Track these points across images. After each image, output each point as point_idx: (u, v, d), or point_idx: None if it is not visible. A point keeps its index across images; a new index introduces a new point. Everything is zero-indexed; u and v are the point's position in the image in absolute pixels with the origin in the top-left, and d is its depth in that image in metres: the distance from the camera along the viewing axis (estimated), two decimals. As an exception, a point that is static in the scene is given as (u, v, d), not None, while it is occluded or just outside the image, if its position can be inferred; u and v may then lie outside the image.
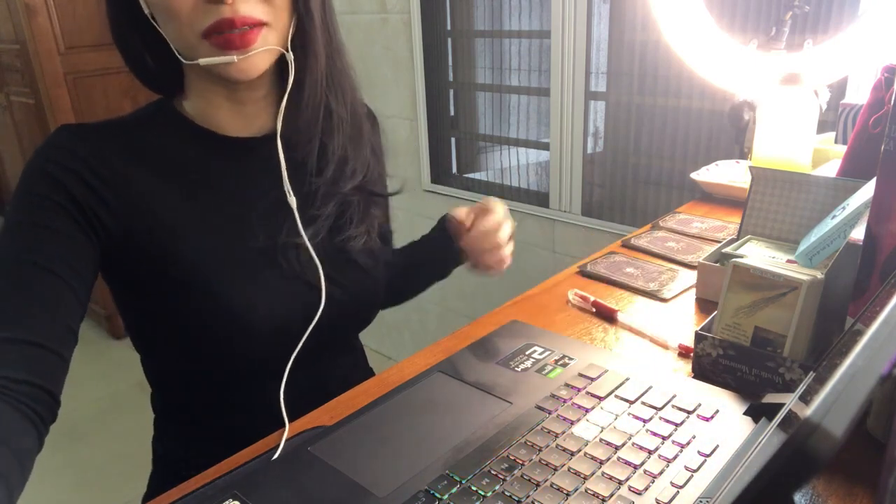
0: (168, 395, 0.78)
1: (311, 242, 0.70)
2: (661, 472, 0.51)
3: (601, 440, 0.55)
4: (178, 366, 0.73)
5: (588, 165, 1.75)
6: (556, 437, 0.56)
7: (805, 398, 0.49)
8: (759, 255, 0.80)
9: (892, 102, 0.53)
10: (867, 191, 0.67)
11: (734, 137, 1.21)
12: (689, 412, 0.58)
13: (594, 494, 0.49)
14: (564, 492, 0.50)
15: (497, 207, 0.85)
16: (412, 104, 2.08)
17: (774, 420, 0.51)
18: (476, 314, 0.84)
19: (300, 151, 0.71)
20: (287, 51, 0.67)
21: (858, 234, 0.57)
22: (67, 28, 2.38)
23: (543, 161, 1.94)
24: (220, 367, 0.71)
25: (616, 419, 0.58)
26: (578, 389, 0.63)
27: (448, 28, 1.99)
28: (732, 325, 0.63)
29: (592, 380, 0.64)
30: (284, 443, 0.59)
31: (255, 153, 0.71)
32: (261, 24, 0.62)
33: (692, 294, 0.84)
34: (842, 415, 0.29)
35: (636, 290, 0.86)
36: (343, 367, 0.82)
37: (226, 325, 0.66)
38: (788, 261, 0.74)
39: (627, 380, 0.64)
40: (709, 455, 0.53)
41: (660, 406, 0.59)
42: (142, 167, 0.66)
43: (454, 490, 0.51)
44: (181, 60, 0.65)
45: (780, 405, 0.53)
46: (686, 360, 0.69)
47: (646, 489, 0.50)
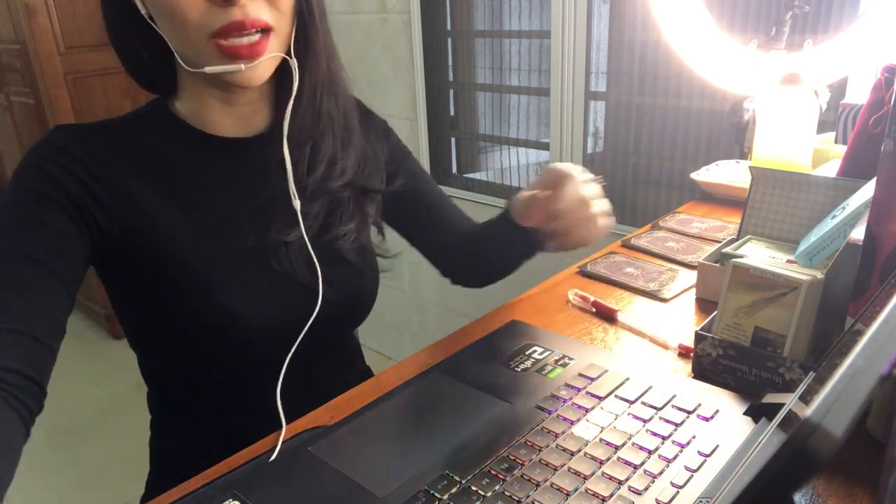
0: (165, 395, 0.78)
1: (301, 241, 0.70)
2: (661, 472, 0.51)
3: (601, 440, 0.55)
4: (174, 365, 0.73)
5: (588, 165, 1.74)
6: (556, 437, 0.56)
7: (805, 398, 0.49)
8: (759, 255, 0.80)
9: (892, 102, 0.53)
10: (867, 191, 0.67)
11: (734, 137, 1.21)
12: (689, 412, 0.58)
13: (594, 494, 0.49)
14: (564, 492, 0.50)
15: (570, 171, 0.71)
16: (412, 104, 2.08)
17: (774, 420, 0.51)
18: (476, 314, 0.83)
19: (293, 153, 0.71)
20: (290, 56, 0.67)
21: (858, 234, 0.57)
22: (67, 28, 2.38)
23: (543, 161, 1.94)
24: (216, 367, 0.71)
25: (616, 419, 0.58)
26: (578, 389, 0.63)
27: (448, 28, 1.99)
28: (732, 325, 0.63)
29: (592, 380, 0.64)
30: (282, 443, 0.59)
31: (249, 154, 0.71)
32: (268, 30, 0.62)
33: (692, 294, 0.84)
34: (842, 415, 0.29)
35: (636, 290, 0.86)
36: (339, 364, 0.82)
37: (220, 325, 0.67)
38: (788, 261, 0.74)
39: (627, 380, 0.64)
40: (709, 455, 0.53)
41: (660, 406, 0.59)
42: (136, 167, 0.66)
43: (454, 490, 0.51)
44: (181, 64, 0.64)
45: (780, 405, 0.53)
46: (686, 360, 0.69)
47: (646, 489, 0.50)
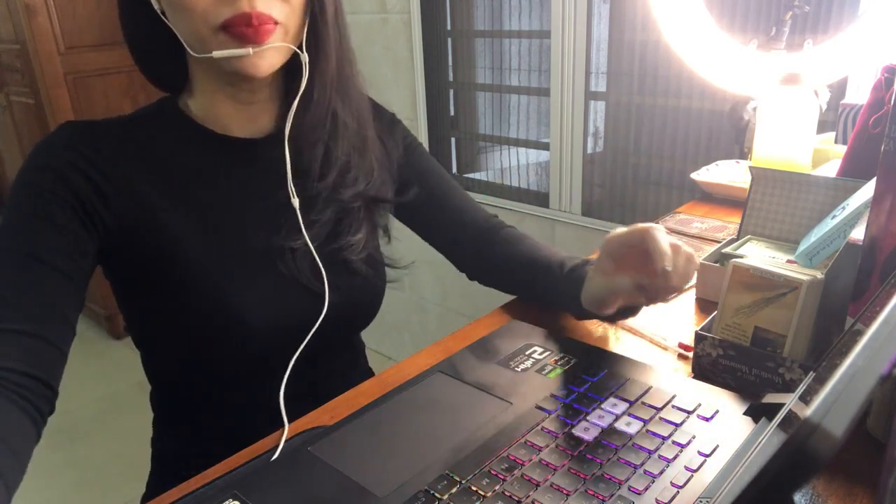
0: (167, 394, 0.78)
1: (307, 246, 0.70)
2: (662, 473, 0.51)
3: (601, 440, 0.55)
4: (178, 365, 0.73)
5: (588, 165, 1.75)
6: (556, 437, 0.56)
7: (805, 398, 0.49)
8: (759, 255, 0.80)
9: (892, 102, 0.53)
10: (867, 191, 0.67)
11: (734, 137, 1.21)
12: (689, 412, 0.58)
13: (594, 494, 0.49)
14: (564, 492, 0.50)
15: (654, 236, 0.60)
16: (412, 104, 2.08)
17: (774, 420, 0.51)
18: (476, 314, 0.83)
19: (305, 155, 0.71)
20: (301, 51, 0.67)
21: (858, 234, 0.57)
22: (67, 28, 2.38)
23: (543, 161, 1.94)
24: (219, 367, 0.71)
25: (616, 419, 0.58)
26: (578, 389, 0.63)
27: (448, 28, 1.99)
28: (732, 325, 0.63)
29: (592, 380, 0.64)
30: (284, 443, 0.59)
31: (258, 154, 0.71)
32: (275, 23, 0.62)
33: (692, 294, 0.84)
34: (842, 415, 0.29)
35: (636, 290, 0.86)
36: (342, 366, 0.82)
37: (225, 325, 0.67)
38: (788, 261, 0.74)
39: (627, 380, 0.64)
40: (709, 455, 0.53)
41: (660, 406, 0.59)
42: (143, 166, 0.66)
43: (454, 490, 0.51)
44: (191, 55, 0.64)
45: (780, 405, 0.53)
46: (686, 361, 0.69)
47: (646, 489, 0.50)
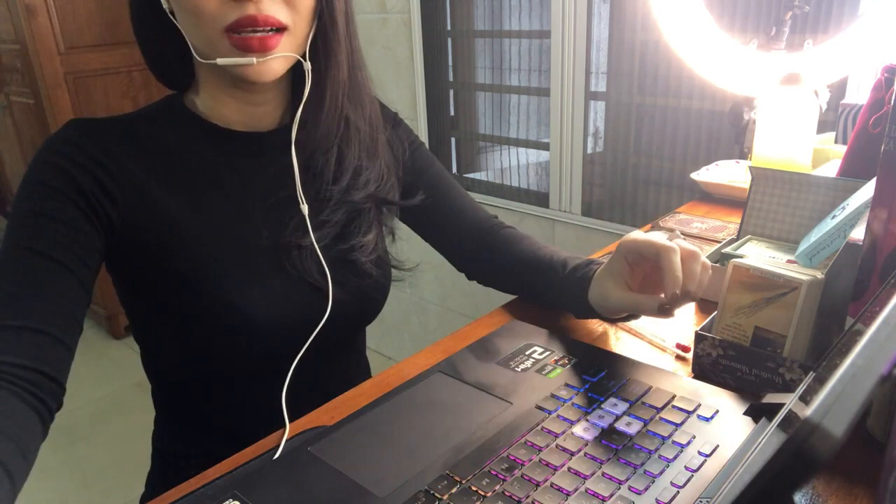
0: (169, 393, 0.78)
1: (317, 246, 0.70)
2: (662, 473, 0.51)
3: (601, 440, 0.55)
4: (181, 363, 0.73)
5: (588, 165, 1.75)
6: (556, 437, 0.56)
7: (805, 398, 0.49)
8: (759, 255, 0.80)
9: (892, 102, 0.53)
10: (867, 191, 0.67)
11: (734, 137, 1.21)
12: (689, 412, 0.58)
13: (594, 494, 0.49)
14: (564, 492, 0.50)
15: (669, 259, 0.60)
16: (412, 104, 2.08)
17: (774, 420, 0.51)
18: (476, 314, 0.83)
19: (319, 159, 0.71)
20: (305, 59, 0.67)
21: (858, 234, 0.57)
22: (67, 28, 2.38)
23: (543, 161, 1.94)
24: (223, 365, 0.71)
25: (616, 419, 0.58)
26: (578, 389, 0.63)
27: (448, 28, 1.99)
28: (732, 325, 0.63)
29: (592, 380, 0.64)
30: (285, 443, 0.59)
31: (262, 150, 0.71)
32: (282, 29, 0.62)
33: (692, 294, 0.84)
34: (842, 415, 0.29)
35: (636, 290, 0.86)
36: (342, 367, 0.82)
37: (229, 322, 0.67)
38: (788, 261, 0.74)
39: (627, 380, 0.64)
40: (709, 455, 0.53)
41: (660, 406, 0.59)
42: (149, 163, 0.66)
43: (454, 490, 0.51)
44: (196, 58, 0.65)
45: (780, 405, 0.53)
46: (685, 361, 0.69)
47: (646, 489, 0.50)
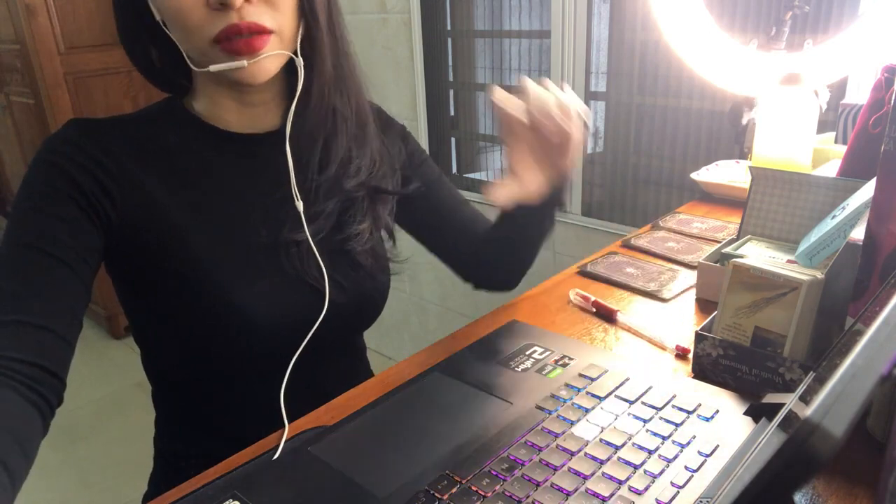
0: (169, 394, 0.78)
1: (313, 240, 0.70)
2: (662, 472, 0.51)
3: (601, 440, 0.55)
4: (181, 363, 0.73)
5: (588, 165, 1.75)
6: (556, 437, 0.56)
7: (805, 398, 0.49)
8: (759, 255, 0.80)
9: (892, 102, 0.53)
10: (867, 191, 0.67)
11: (734, 137, 1.21)
12: (689, 412, 0.58)
13: (594, 494, 0.49)
14: (565, 492, 0.50)
15: (527, 89, 0.68)
16: (412, 104, 2.08)
17: (774, 420, 0.51)
18: (476, 314, 0.83)
19: (305, 152, 0.71)
20: (297, 55, 0.67)
21: (858, 234, 0.57)
22: (67, 28, 2.38)
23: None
24: (222, 365, 0.71)
25: (616, 419, 0.58)
26: (578, 389, 0.63)
27: (448, 28, 1.99)
28: (732, 325, 0.63)
29: (592, 380, 0.64)
30: (284, 443, 0.59)
31: (261, 151, 0.72)
32: (268, 33, 0.63)
33: (692, 294, 0.84)
34: (842, 415, 0.29)
35: (636, 290, 0.86)
36: (343, 367, 0.82)
37: (228, 322, 0.67)
38: (788, 261, 0.74)
39: (627, 380, 0.64)
40: (709, 455, 0.53)
41: (660, 406, 0.59)
42: (148, 163, 0.67)
43: (454, 490, 0.51)
44: (191, 66, 0.65)
45: (780, 405, 0.53)
46: (685, 361, 0.69)
47: (646, 489, 0.50)
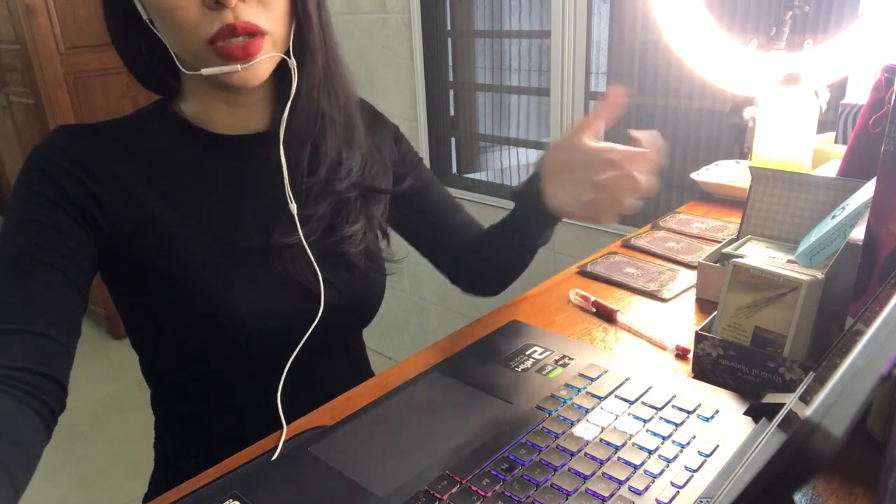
0: (167, 396, 0.78)
1: (306, 243, 0.70)
2: (662, 473, 0.51)
3: (601, 440, 0.55)
4: (177, 366, 0.73)
5: (588, 165, 1.75)
6: (556, 438, 0.56)
7: (805, 398, 0.49)
8: (759, 255, 0.80)
9: (892, 102, 0.53)
10: (867, 191, 0.67)
11: (734, 137, 1.21)
12: (689, 412, 0.58)
13: (594, 494, 0.49)
14: (564, 492, 0.50)
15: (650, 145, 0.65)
16: (412, 104, 2.08)
17: (774, 420, 0.51)
18: (476, 314, 0.83)
19: (294, 154, 0.71)
20: (289, 56, 0.67)
21: (858, 234, 0.57)
22: (67, 28, 2.38)
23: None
24: (218, 367, 0.71)
25: (616, 419, 0.58)
26: (578, 389, 0.63)
27: (448, 28, 1.99)
28: (732, 325, 0.63)
29: (592, 380, 0.64)
30: (283, 443, 0.59)
31: (250, 153, 0.71)
32: (262, 34, 0.62)
33: (692, 294, 0.84)
34: (842, 415, 0.29)
35: (636, 290, 0.86)
36: (341, 367, 0.82)
37: (222, 326, 0.67)
38: (788, 261, 0.74)
39: (627, 380, 0.64)
40: (709, 455, 0.53)
41: (660, 406, 0.59)
42: (136, 167, 0.66)
43: (454, 490, 0.51)
44: (181, 69, 0.65)
45: (780, 405, 0.53)
46: (685, 361, 0.69)
47: (646, 489, 0.50)
